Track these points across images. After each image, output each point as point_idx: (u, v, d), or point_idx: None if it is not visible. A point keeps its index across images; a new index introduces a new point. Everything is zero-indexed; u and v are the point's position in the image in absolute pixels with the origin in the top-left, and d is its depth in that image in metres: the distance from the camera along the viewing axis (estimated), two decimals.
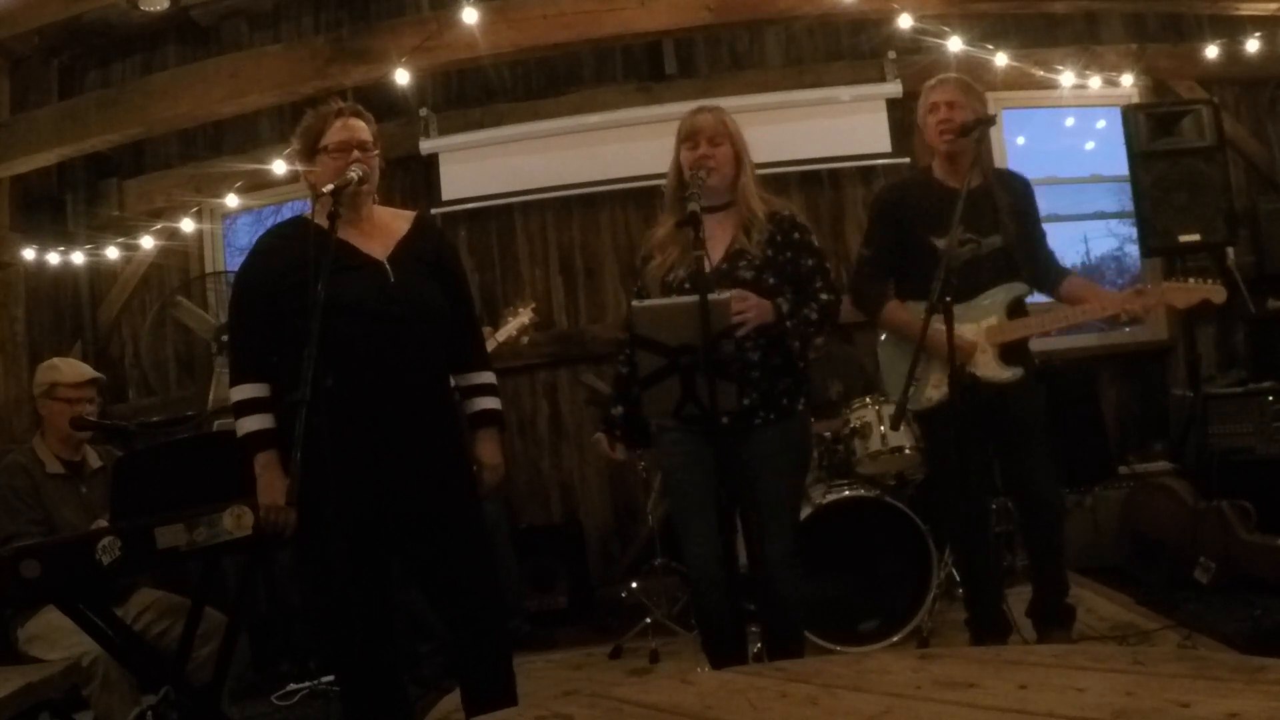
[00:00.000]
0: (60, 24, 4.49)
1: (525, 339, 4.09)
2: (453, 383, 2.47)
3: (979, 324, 2.82)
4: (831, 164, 4.83)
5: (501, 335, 3.95)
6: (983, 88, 3.01)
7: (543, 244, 4.99)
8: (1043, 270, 2.93)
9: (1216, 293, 2.70)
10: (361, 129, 2.32)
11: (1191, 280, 2.77)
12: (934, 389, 2.84)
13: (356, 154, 2.27)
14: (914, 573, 3.40)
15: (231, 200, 4.83)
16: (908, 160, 4.77)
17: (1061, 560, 2.99)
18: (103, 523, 2.65)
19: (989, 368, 2.81)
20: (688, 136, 2.53)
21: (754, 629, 3.06)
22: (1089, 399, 4.42)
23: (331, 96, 3.20)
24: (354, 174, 2.21)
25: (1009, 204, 2.85)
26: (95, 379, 3.18)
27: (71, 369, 3.15)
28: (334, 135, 2.29)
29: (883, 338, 3.08)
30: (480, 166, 4.85)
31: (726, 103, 4.56)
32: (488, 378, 2.50)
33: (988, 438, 2.91)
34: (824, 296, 2.51)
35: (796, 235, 2.54)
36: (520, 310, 4.06)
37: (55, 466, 3.02)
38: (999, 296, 2.84)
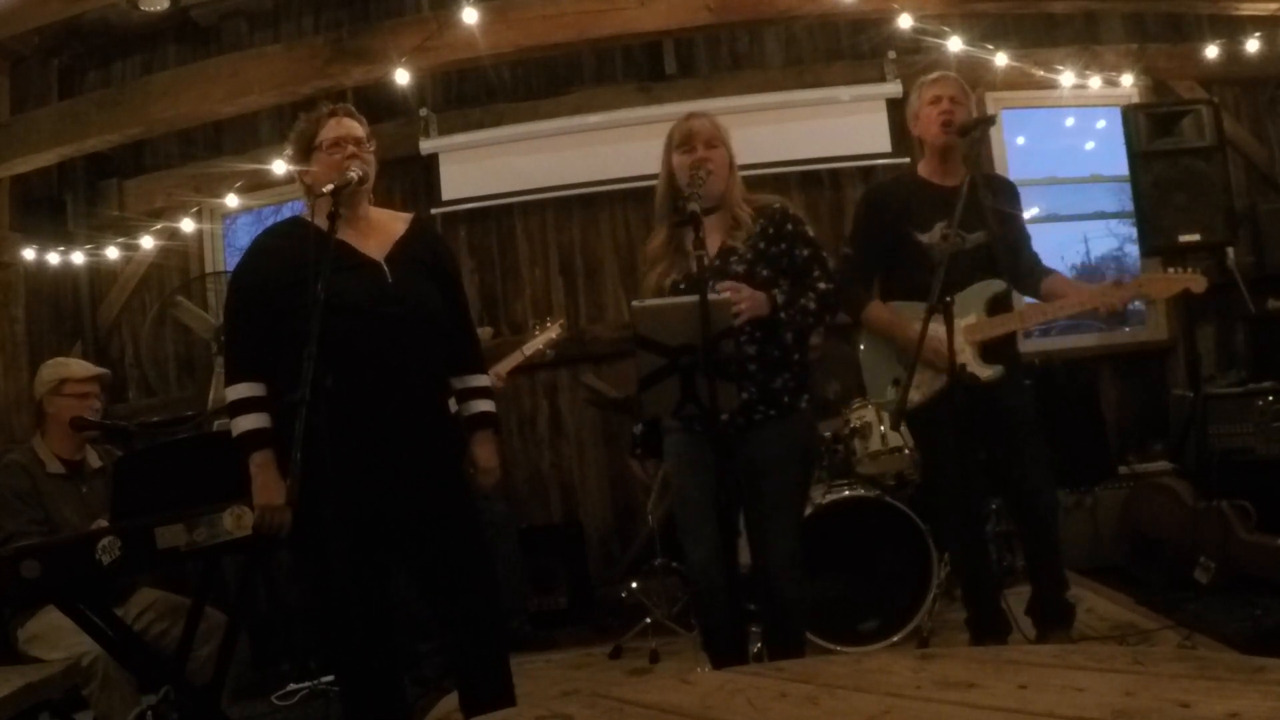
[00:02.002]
0: (60, 24, 4.49)
1: (551, 353, 4.11)
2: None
3: (959, 322, 2.79)
4: (831, 164, 4.83)
5: (529, 349, 3.96)
6: (980, 89, 3.01)
7: (543, 244, 4.98)
8: (1025, 272, 2.91)
9: (1196, 282, 2.64)
10: (355, 127, 2.33)
11: (1172, 270, 2.72)
12: (915, 390, 2.78)
13: (351, 149, 2.27)
14: (914, 573, 3.39)
15: (231, 200, 4.83)
16: (908, 160, 4.77)
17: (1058, 556, 2.98)
18: (103, 522, 2.66)
19: (971, 366, 2.79)
20: (683, 141, 2.53)
21: (754, 629, 3.06)
22: (1089, 399, 4.42)
23: (332, 97, 3.22)
24: (354, 174, 2.22)
25: (991, 205, 2.85)
26: (100, 374, 3.23)
27: (78, 365, 3.21)
28: (328, 133, 2.31)
29: (863, 340, 3.07)
30: (480, 166, 4.85)
31: (726, 103, 4.66)
32: (483, 381, 2.51)
33: (981, 437, 2.91)
34: (822, 285, 2.51)
35: (790, 226, 2.54)
36: (549, 325, 4.08)
37: (55, 466, 3.03)
38: (978, 294, 2.83)
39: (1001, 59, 4.30)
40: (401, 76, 4.08)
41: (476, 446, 2.44)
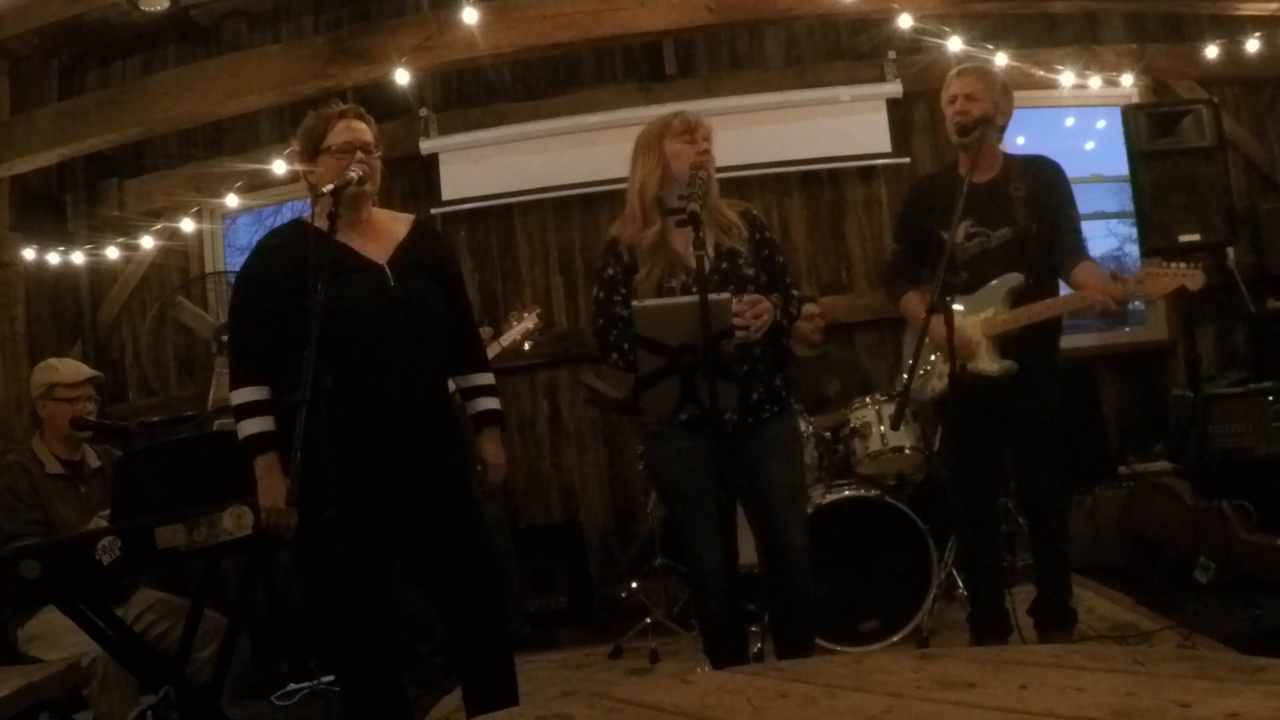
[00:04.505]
0: (60, 24, 4.49)
1: (529, 344, 4.06)
2: (452, 385, 2.48)
3: (977, 316, 2.81)
4: (831, 164, 4.83)
5: (505, 340, 3.93)
6: (1002, 80, 2.96)
7: (543, 244, 4.99)
8: (1059, 256, 2.82)
9: (1192, 278, 2.60)
10: (364, 130, 2.32)
11: (1171, 265, 2.69)
12: (939, 379, 2.85)
13: (360, 155, 2.27)
14: (914, 573, 3.40)
15: (231, 200, 4.83)
16: (908, 160, 4.79)
17: (1065, 562, 2.96)
18: (102, 521, 2.65)
19: (981, 361, 2.79)
20: (685, 130, 2.50)
21: (754, 629, 3.06)
22: (1089, 399, 4.42)
23: (332, 97, 3.21)
24: (354, 173, 2.21)
25: (1025, 196, 2.82)
26: (93, 377, 3.17)
27: (69, 368, 3.14)
28: (337, 136, 2.29)
29: (908, 330, 3.10)
30: (480, 166, 4.85)
31: (726, 103, 4.66)
32: (488, 379, 2.51)
33: (997, 434, 2.91)
34: (795, 293, 2.60)
35: (768, 233, 2.62)
36: (525, 315, 4.03)
37: (55, 466, 3.02)
38: (997, 288, 2.82)
39: (1001, 59, 4.30)
40: (401, 76, 4.08)
41: (483, 444, 2.46)
